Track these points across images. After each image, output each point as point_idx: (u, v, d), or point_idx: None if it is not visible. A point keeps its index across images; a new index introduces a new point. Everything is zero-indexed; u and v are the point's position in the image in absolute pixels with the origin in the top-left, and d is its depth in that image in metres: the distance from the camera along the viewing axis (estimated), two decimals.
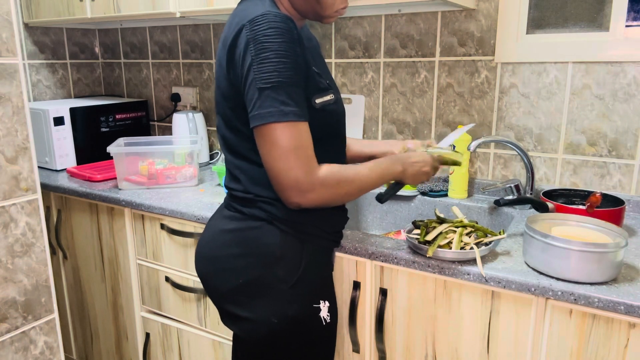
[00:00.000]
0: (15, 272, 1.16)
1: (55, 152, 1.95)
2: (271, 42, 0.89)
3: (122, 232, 1.68)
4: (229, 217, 1.09)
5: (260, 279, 1.02)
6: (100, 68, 2.49)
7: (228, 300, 1.06)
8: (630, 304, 0.90)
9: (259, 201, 1.03)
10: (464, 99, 1.62)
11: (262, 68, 0.89)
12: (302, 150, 0.92)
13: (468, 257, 1.07)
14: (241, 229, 1.05)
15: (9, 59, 1.11)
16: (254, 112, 0.91)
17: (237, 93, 0.96)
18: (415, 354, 1.18)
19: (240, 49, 0.92)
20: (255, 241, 1.03)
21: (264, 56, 0.89)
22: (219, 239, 1.08)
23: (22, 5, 2.10)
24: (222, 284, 1.06)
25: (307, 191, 0.93)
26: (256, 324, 1.03)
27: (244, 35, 0.91)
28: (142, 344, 1.76)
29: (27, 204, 1.17)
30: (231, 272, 1.04)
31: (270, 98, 0.90)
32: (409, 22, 1.67)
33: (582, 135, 1.47)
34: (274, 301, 1.01)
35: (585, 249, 0.95)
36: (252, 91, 0.91)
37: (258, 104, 0.90)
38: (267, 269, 1.02)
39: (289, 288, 1.02)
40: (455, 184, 1.58)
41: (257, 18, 0.90)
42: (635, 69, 1.37)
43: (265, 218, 1.03)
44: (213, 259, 1.08)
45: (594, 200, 1.20)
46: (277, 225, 1.02)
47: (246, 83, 0.92)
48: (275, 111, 0.90)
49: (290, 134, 0.91)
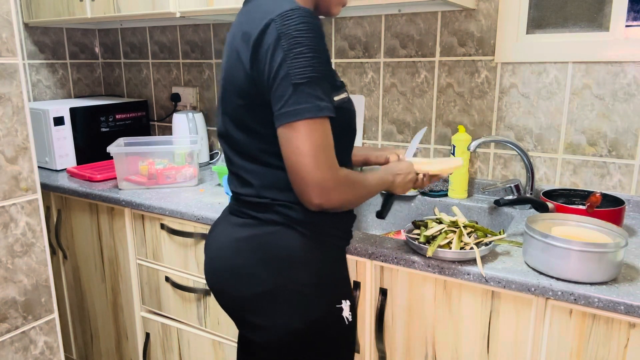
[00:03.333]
0: (15, 272, 1.16)
1: (55, 152, 1.95)
2: (304, 37, 0.87)
3: (122, 232, 1.68)
4: (240, 224, 1.03)
5: (282, 285, 0.98)
6: (100, 68, 2.49)
7: (249, 310, 1.01)
8: (630, 304, 0.90)
9: (276, 205, 0.99)
10: (464, 99, 1.62)
11: (296, 63, 0.87)
12: (329, 148, 0.90)
13: (468, 257, 1.07)
14: (258, 235, 1.00)
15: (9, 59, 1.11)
16: (287, 108, 0.87)
17: (258, 91, 0.92)
18: (415, 354, 1.18)
19: (269, 44, 0.88)
20: (274, 246, 0.99)
21: (297, 51, 0.87)
22: (234, 248, 1.02)
23: (22, 5, 2.10)
24: (243, 294, 1.01)
25: (330, 191, 0.90)
26: (280, 330, 0.99)
27: (273, 29, 0.87)
28: (142, 344, 1.76)
29: (27, 204, 1.17)
30: (252, 280, 0.99)
31: (306, 93, 0.87)
32: (409, 22, 1.67)
33: (582, 135, 1.47)
34: (297, 306, 0.98)
35: (585, 249, 0.95)
36: (283, 87, 0.87)
37: (293, 99, 0.87)
38: (288, 273, 0.98)
39: (312, 291, 0.99)
40: (455, 184, 1.58)
41: (288, 13, 0.88)
42: (635, 69, 1.37)
43: (282, 222, 0.99)
44: (230, 269, 1.02)
45: (594, 200, 1.20)
46: (295, 228, 0.99)
47: (276, 79, 0.88)
48: (312, 107, 0.87)
49: (323, 130, 0.89)
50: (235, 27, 0.99)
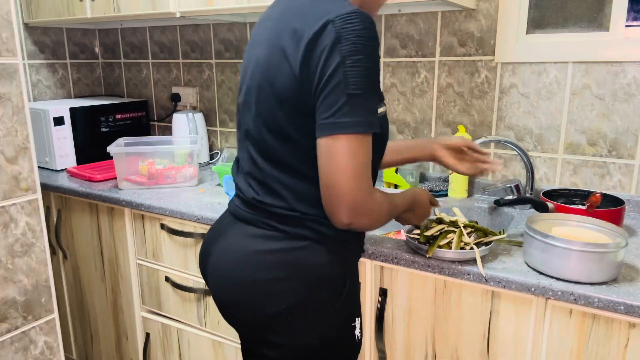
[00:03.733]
0: (15, 272, 1.16)
1: (55, 152, 1.95)
2: (365, 45, 0.81)
3: (122, 232, 1.68)
4: (264, 236, 0.95)
5: (305, 302, 0.93)
6: (100, 68, 2.49)
7: (266, 328, 0.95)
8: (630, 304, 0.90)
9: (307, 220, 0.93)
10: (464, 99, 1.62)
11: (354, 71, 0.80)
12: (369, 167, 0.85)
13: (468, 257, 1.07)
14: (285, 249, 0.93)
15: (9, 59, 1.11)
16: (337, 118, 0.81)
17: (304, 95, 0.85)
18: (415, 354, 1.18)
19: (325, 46, 0.81)
20: (303, 262, 0.93)
21: (356, 58, 0.80)
22: (256, 262, 0.94)
23: (22, 5, 2.10)
24: (262, 311, 0.94)
25: (363, 214, 0.86)
26: (296, 348, 0.95)
27: (332, 31, 0.80)
28: (142, 344, 1.76)
29: (27, 204, 1.17)
30: (274, 297, 0.92)
31: (359, 106, 0.81)
32: (409, 22, 1.67)
33: (582, 135, 1.47)
34: (316, 324, 0.94)
35: (585, 249, 0.95)
36: (335, 95, 0.81)
37: (345, 110, 0.80)
38: (313, 291, 0.93)
39: (333, 309, 0.95)
40: (455, 184, 1.58)
41: (350, 15, 0.81)
42: (635, 69, 1.37)
43: (313, 237, 0.93)
44: (251, 284, 0.94)
45: (594, 200, 1.20)
46: (325, 244, 0.94)
47: (328, 85, 0.81)
48: (363, 121, 0.81)
49: (367, 147, 0.84)
50: (278, 23, 0.91)
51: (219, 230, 1.04)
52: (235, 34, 2.04)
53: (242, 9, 1.57)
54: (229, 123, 2.14)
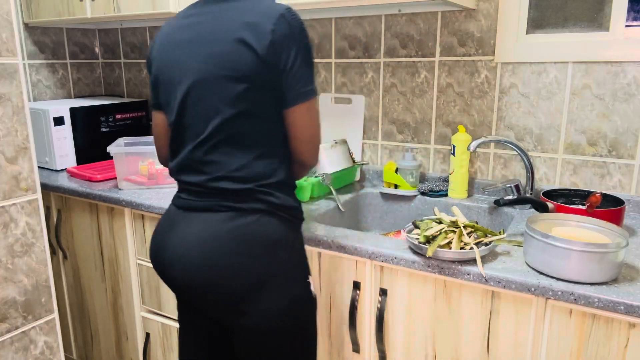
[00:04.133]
0: (15, 272, 1.16)
1: (55, 152, 1.95)
2: (306, 30, 1.05)
3: (122, 232, 1.68)
4: (219, 219, 1.05)
5: (268, 269, 1.05)
6: (100, 68, 2.49)
7: (240, 300, 1.05)
8: (630, 304, 0.90)
9: (258, 192, 1.05)
10: (464, 99, 1.62)
11: (308, 51, 1.04)
12: None
13: (468, 257, 1.07)
14: (242, 225, 1.04)
15: (9, 59, 1.11)
16: (309, 86, 1.04)
17: (269, 74, 1.02)
18: (415, 354, 1.18)
19: (286, 35, 1.01)
20: (258, 234, 1.05)
21: (306, 42, 1.04)
22: (217, 242, 1.04)
23: (22, 5, 2.10)
24: (233, 286, 1.04)
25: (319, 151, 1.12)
26: (267, 312, 1.05)
27: (286, 22, 1.01)
28: (142, 344, 1.76)
29: (27, 204, 1.17)
30: (241, 270, 1.03)
31: (313, 76, 1.06)
32: (409, 22, 1.67)
33: (582, 135, 1.47)
34: (281, 286, 1.06)
35: (585, 250, 0.95)
36: (302, 70, 1.03)
37: (310, 80, 1.05)
38: (272, 257, 1.05)
39: (292, 270, 1.08)
40: (455, 184, 1.58)
41: (291, 10, 1.03)
42: (635, 69, 1.37)
43: (264, 209, 1.06)
44: (217, 264, 1.04)
45: (594, 200, 1.20)
46: (276, 213, 1.07)
47: (295, 63, 1.02)
48: (316, 87, 1.07)
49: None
50: (223, 20, 1.06)
51: (170, 225, 1.11)
52: None
53: None
54: None
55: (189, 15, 1.12)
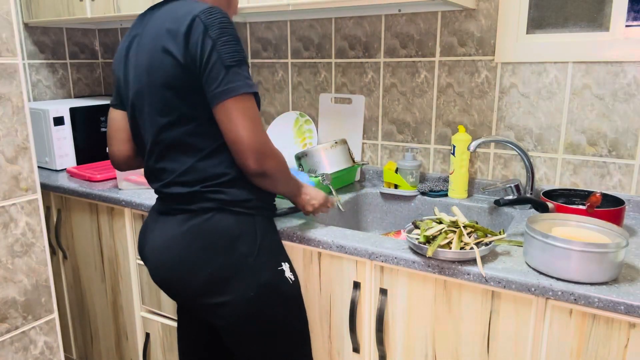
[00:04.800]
0: (15, 272, 1.16)
1: (55, 152, 1.95)
2: (227, 27, 1.02)
3: (122, 232, 1.68)
4: (175, 222, 1.12)
5: (227, 263, 1.08)
6: (100, 68, 2.49)
7: (202, 295, 1.11)
8: (630, 304, 0.90)
9: (206, 192, 1.09)
10: (464, 99, 1.62)
11: (225, 48, 1.01)
12: (260, 120, 1.06)
13: (468, 257, 1.07)
14: (196, 224, 1.09)
15: (9, 59, 1.11)
16: (223, 87, 1.00)
17: (191, 77, 1.03)
18: (415, 354, 1.18)
19: (198, 35, 1.00)
20: (212, 232, 1.09)
21: (225, 39, 1.01)
22: (174, 244, 1.11)
23: (22, 5, 2.10)
24: (192, 282, 1.10)
25: (267, 156, 1.05)
26: (235, 303, 1.09)
27: (199, 23, 1.01)
28: (142, 344, 1.76)
29: (27, 204, 1.17)
30: (198, 267, 1.09)
31: (237, 74, 1.02)
32: (409, 22, 1.67)
33: (582, 135, 1.47)
34: (245, 276, 1.09)
35: (586, 250, 0.95)
36: (216, 70, 1.00)
37: (227, 79, 1.01)
38: (230, 250, 1.09)
39: (254, 259, 1.11)
40: (455, 184, 1.58)
41: (209, 9, 1.02)
42: (635, 69, 1.37)
43: (215, 207, 1.09)
44: (173, 264, 1.11)
45: (594, 200, 1.20)
46: (228, 209, 1.10)
47: (208, 64, 1.00)
48: (244, 84, 1.02)
49: (254, 104, 1.04)
50: (150, 32, 1.09)
51: (147, 226, 1.21)
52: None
53: (242, 9, 1.57)
54: None
55: (134, 27, 1.19)
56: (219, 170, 1.09)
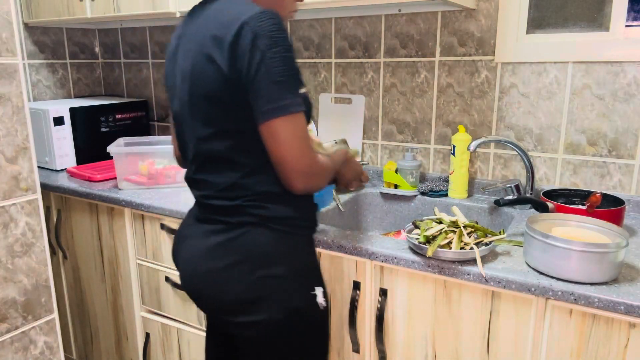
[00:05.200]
0: (15, 272, 1.16)
1: (55, 152, 1.94)
2: (278, 38, 0.93)
3: (122, 232, 1.68)
4: (214, 231, 1.06)
5: (260, 281, 1.02)
6: (100, 68, 2.49)
7: (231, 311, 1.05)
8: (630, 304, 0.90)
9: (247, 206, 1.03)
10: (464, 99, 1.62)
11: (275, 62, 0.92)
12: (308, 138, 0.98)
13: (468, 257, 1.07)
14: (231, 238, 1.04)
15: (9, 59, 1.11)
16: (271, 105, 0.93)
17: (235, 91, 0.96)
18: (415, 354, 1.18)
19: (246, 46, 0.92)
20: (249, 246, 1.03)
21: (274, 51, 0.92)
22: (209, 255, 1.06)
23: (22, 5, 2.10)
24: (224, 297, 1.04)
25: (312, 175, 0.99)
26: (263, 324, 1.03)
27: (248, 31, 0.92)
28: (142, 344, 1.76)
29: (27, 204, 1.17)
30: (231, 282, 1.03)
31: (285, 90, 0.93)
32: (409, 22, 1.67)
33: (582, 135, 1.47)
34: (276, 298, 1.03)
35: (586, 250, 0.95)
36: (264, 85, 0.92)
37: (275, 96, 0.93)
38: (265, 269, 1.02)
39: (289, 282, 1.04)
40: (455, 184, 1.58)
41: (259, 15, 0.93)
42: (635, 69, 1.37)
43: (253, 222, 1.03)
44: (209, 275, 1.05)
45: (594, 200, 1.20)
46: (266, 225, 1.04)
47: (255, 78, 0.92)
48: (293, 102, 0.94)
49: (302, 122, 0.96)
50: (197, 35, 1.01)
51: (183, 232, 1.16)
52: None
53: None
54: None
55: (182, 26, 1.11)
56: (264, 188, 1.02)
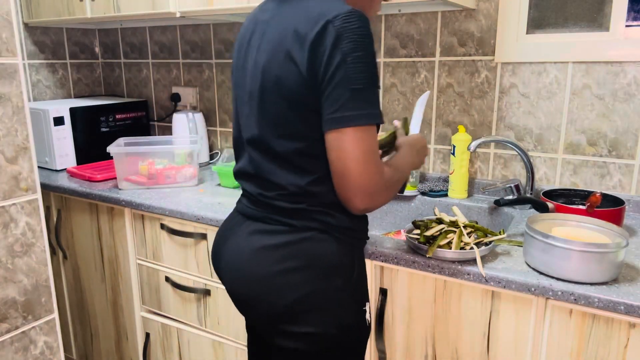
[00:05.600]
0: (15, 272, 1.16)
1: (55, 152, 1.95)
2: (362, 41, 0.86)
3: (122, 232, 1.68)
4: (272, 231, 0.99)
5: (319, 291, 0.96)
6: (100, 68, 2.49)
7: (284, 319, 0.98)
8: (630, 304, 0.90)
9: (313, 212, 0.97)
10: (464, 99, 1.62)
11: (355, 67, 0.86)
12: (377, 154, 0.91)
13: (468, 257, 1.07)
14: (292, 241, 0.97)
15: (9, 59, 1.11)
16: (342, 113, 0.86)
17: (310, 93, 0.89)
18: (415, 354, 1.18)
19: (327, 46, 0.86)
20: (311, 252, 0.96)
21: (357, 55, 0.86)
22: (266, 256, 0.98)
23: (22, 5, 2.10)
24: (277, 303, 0.97)
25: (375, 195, 0.91)
26: (315, 337, 0.97)
27: (332, 30, 0.85)
28: (142, 344, 1.76)
29: (27, 204, 1.17)
30: (287, 288, 0.96)
31: (362, 99, 0.87)
32: (409, 22, 1.67)
33: (582, 135, 1.47)
34: (332, 312, 0.97)
35: (586, 250, 0.95)
36: (339, 91, 0.86)
37: (349, 104, 0.86)
38: (325, 279, 0.96)
39: (346, 297, 0.98)
40: (455, 184, 1.58)
41: (347, 15, 0.86)
42: (635, 69, 1.37)
43: (318, 228, 0.97)
44: (263, 279, 0.97)
45: (594, 200, 1.20)
46: (331, 234, 0.98)
47: (332, 81, 0.86)
48: (367, 114, 0.87)
49: (373, 137, 0.89)
50: (277, 27, 0.94)
51: (229, 229, 1.08)
52: (235, 34, 2.04)
53: (242, 9, 1.57)
54: (229, 123, 2.14)
55: (263, 11, 1.03)
56: (331, 197, 0.95)
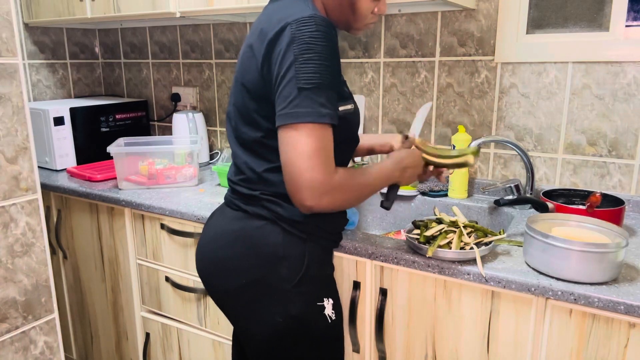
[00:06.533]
0: (15, 272, 1.16)
1: (55, 152, 1.94)
2: (316, 44, 0.90)
3: (122, 232, 1.68)
4: (231, 217, 1.09)
5: (263, 279, 1.02)
6: (100, 68, 2.49)
7: (231, 300, 1.07)
8: (630, 304, 0.90)
9: (264, 200, 1.04)
10: (464, 99, 1.62)
11: (304, 68, 0.90)
12: (325, 152, 0.91)
13: (468, 257, 1.07)
14: (244, 228, 1.05)
15: (9, 59, 1.11)
16: (288, 109, 0.90)
17: (266, 87, 0.96)
18: (415, 354, 1.18)
19: (282, 46, 0.91)
20: (258, 241, 1.04)
21: (307, 57, 0.90)
22: (222, 239, 1.08)
23: (22, 5, 2.10)
24: (225, 284, 1.07)
25: (322, 194, 0.91)
26: (261, 323, 1.04)
27: (288, 33, 0.91)
28: (142, 344, 1.76)
29: (27, 204, 1.17)
30: (234, 272, 1.05)
31: (309, 99, 0.90)
32: (409, 22, 1.67)
33: (582, 135, 1.47)
34: (277, 301, 1.02)
35: (586, 249, 0.95)
36: (288, 89, 0.90)
37: (295, 102, 0.89)
38: (270, 269, 1.02)
39: (292, 287, 1.03)
40: (455, 184, 1.58)
41: (305, 19, 0.91)
42: (635, 69, 1.37)
43: (269, 217, 1.04)
44: (215, 259, 1.09)
45: (594, 200, 1.20)
46: (280, 224, 1.03)
47: (283, 80, 0.91)
48: (313, 112, 0.90)
49: (320, 135, 0.91)
50: (255, 24, 1.03)
51: (213, 212, 1.20)
52: (235, 34, 2.04)
53: (242, 9, 1.57)
54: None
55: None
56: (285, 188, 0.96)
